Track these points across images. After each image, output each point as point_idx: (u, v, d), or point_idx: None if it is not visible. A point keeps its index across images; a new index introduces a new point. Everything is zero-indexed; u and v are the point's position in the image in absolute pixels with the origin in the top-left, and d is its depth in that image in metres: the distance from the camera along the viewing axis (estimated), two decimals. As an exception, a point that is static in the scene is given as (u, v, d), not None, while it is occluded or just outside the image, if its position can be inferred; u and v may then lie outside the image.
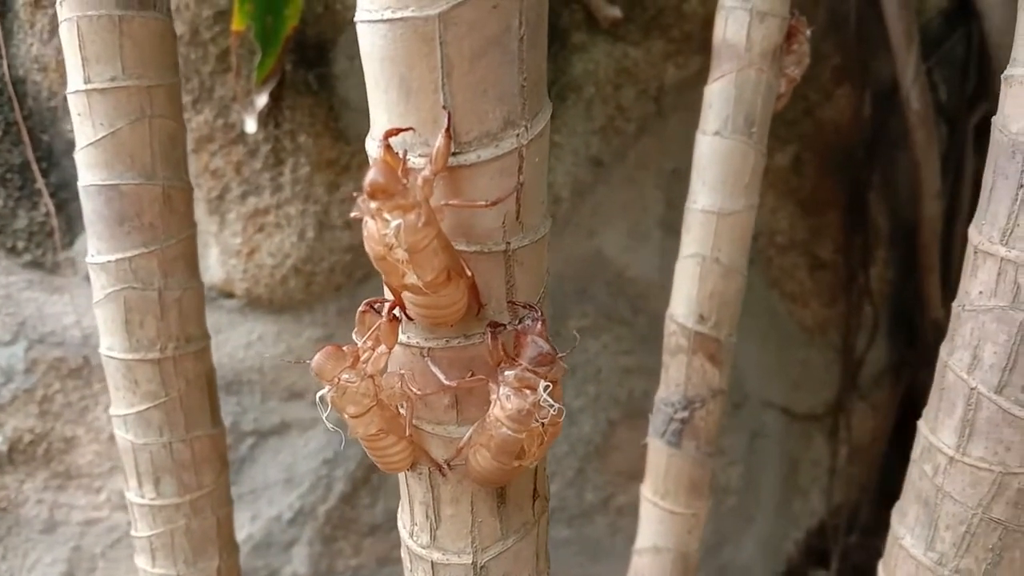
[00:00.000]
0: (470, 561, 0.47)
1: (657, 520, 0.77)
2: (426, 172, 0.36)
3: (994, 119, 0.50)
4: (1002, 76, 0.49)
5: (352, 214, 0.39)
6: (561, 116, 1.38)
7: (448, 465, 0.45)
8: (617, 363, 1.38)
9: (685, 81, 1.34)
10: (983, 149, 1.69)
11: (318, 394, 0.41)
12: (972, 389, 0.50)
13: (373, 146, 0.40)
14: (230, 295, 1.17)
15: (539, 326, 0.40)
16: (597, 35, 1.39)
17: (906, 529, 0.54)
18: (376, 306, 0.43)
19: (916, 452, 0.55)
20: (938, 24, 1.71)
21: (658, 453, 0.77)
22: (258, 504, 1.21)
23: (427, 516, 0.47)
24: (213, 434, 0.69)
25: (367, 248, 0.37)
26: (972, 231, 0.51)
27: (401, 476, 0.48)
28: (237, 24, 0.99)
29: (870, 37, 1.56)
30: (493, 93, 0.38)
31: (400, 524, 0.50)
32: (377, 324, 0.41)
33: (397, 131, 0.37)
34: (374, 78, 0.39)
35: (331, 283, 1.25)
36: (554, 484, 1.47)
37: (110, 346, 0.66)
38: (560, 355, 0.39)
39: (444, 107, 0.37)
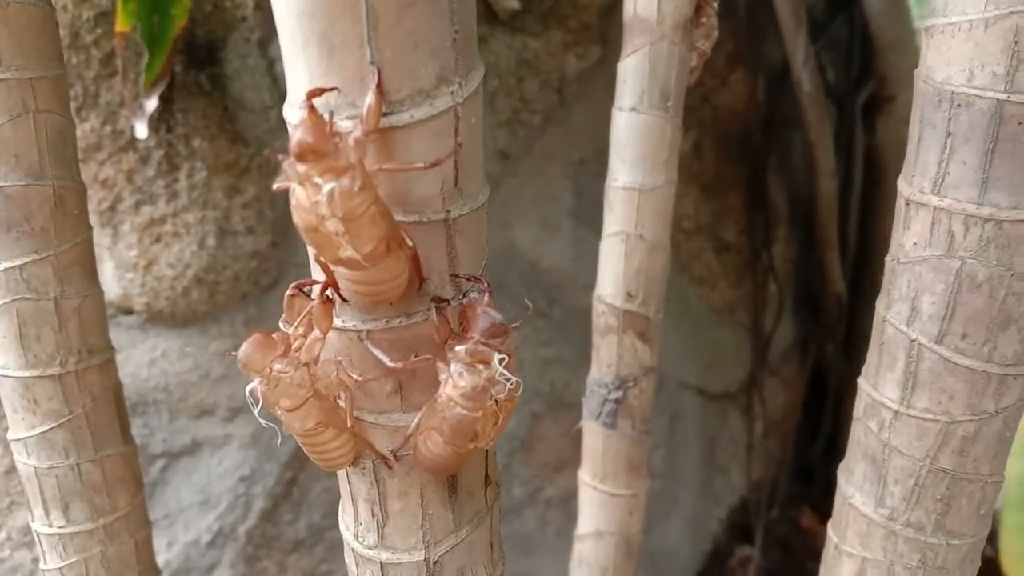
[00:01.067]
0: (422, 558, 0.44)
1: (598, 504, 0.75)
2: (357, 133, 0.33)
3: (916, 71, 0.50)
4: (922, 28, 0.49)
5: (276, 185, 0.35)
6: (465, 109, 1.36)
7: (395, 456, 0.41)
8: (537, 355, 1.37)
9: (586, 71, 1.34)
10: (871, 126, 1.76)
11: (248, 388, 0.37)
12: (913, 341, 0.50)
13: (293, 112, 0.37)
14: (129, 311, 1.10)
15: (486, 298, 0.37)
16: (496, 27, 1.38)
17: (854, 488, 0.54)
18: (305, 289, 0.39)
19: (859, 410, 0.55)
20: (822, 8, 1.77)
21: (594, 436, 0.76)
22: (174, 529, 1.14)
23: (373, 514, 0.44)
24: (125, 452, 0.64)
25: (296, 219, 0.33)
26: (901, 184, 0.51)
27: (341, 474, 0.45)
28: (121, 25, 0.94)
29: (760, 22, 1.60)
30: (424, 47, 0.35)
31: (343, 526, 0.47)
32: (309, 308, 0.38)
33: (320, 91, 0.34)
34: (290, 35, 0.36)
35: (236, 292, 1.19)
36: (480, 484, 1.44)
37: (4, 364, 0.60)
38: (513, 325, 0.37)
39: (372, 62, 0.34)
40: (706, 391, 1.68)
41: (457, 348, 0.36)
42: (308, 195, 0.32)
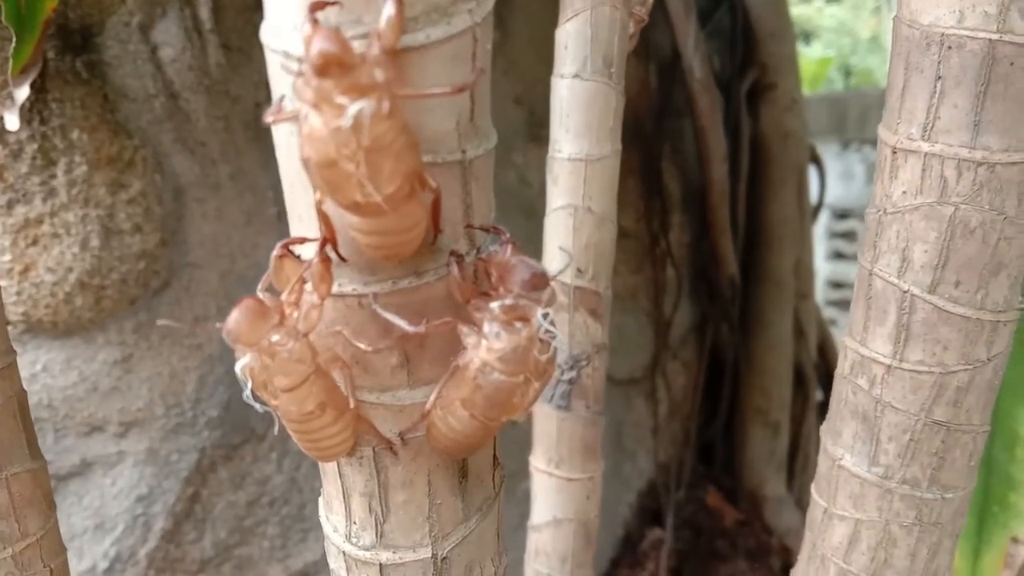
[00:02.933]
0: (428, 554, 0.38)
1: (554, 491, 0.72)
2: (374, 50, 0.28)
3: (896, 17, 0.49)
4: (901, -29, 0.48)
5: (269, 117, 0.30)
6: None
7: (402, 439, 0.36)
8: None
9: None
10: (755, 114, 1.80)
11: (239, 365, 0.31)
12: (905, 292, 0.49)
13: (279, 35, 0.31)
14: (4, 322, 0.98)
15: (509, 250, 0.33)
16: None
17: (843, 448, 0.53)
18: (294, 249, 0.33)
19: (844, 369, 0.53)
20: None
21: (547, 420, 0.72)
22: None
23: (370, 509, 0.38)
24: (34, 469, 0.55)
25: (306, 152, 0.28)
26: (884, 133, 0.49)
27: (329, 467, 0.39)
28: (-16, 6, 0.84)
29: (650, 10, 1.61)
30: (442, -44, 0.30)
31: (328, 528, 0.41)
32: (302, 270, 0.32)
33: (324, 4, 0.29)
34: (280, -56, 0.30)
35: (125, 296, 1.09)
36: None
37: None
38: (554, 276, 0.32)
39: (384, -28, 0.29)
40: (612, 377, 1.67)
41: (492, 305, 0.31)
42: (326, 119, 0.26)
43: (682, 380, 1.81)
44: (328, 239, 0.32)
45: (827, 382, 1.97)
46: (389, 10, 0.28)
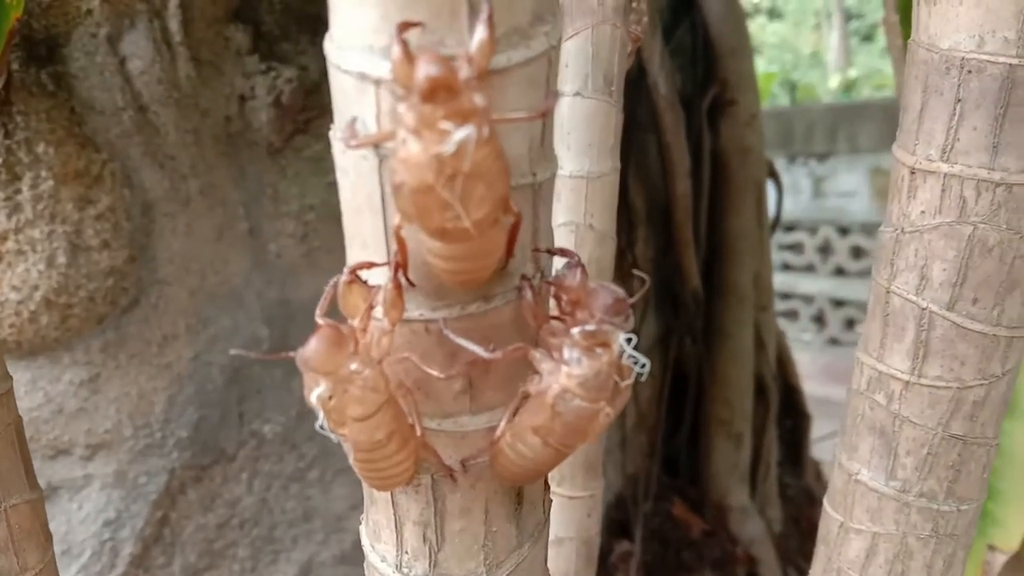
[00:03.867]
0: (483, 582, 0.38)
1: (557, 509, 0.71)
2: (466, 74, 0.27)
3: (911, 41, 0.50)
4: (917, -3, 0.49)
5: (351, 142, 0.29)
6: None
7: (463, 466, 0.35)
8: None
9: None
10: (716, 129, 1.83)
11: (314, 394, 0.30)
12: (924, 309, 0.50)
13: (347, 55, 0.30)
14: (-35, 342, 0.94)
15: (579, 274, 0.33)
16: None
17: (860, 463, 0.54)
18: (361, 275, 0.32)
19: (861, 384, 0.54)
20: (667, 15, 1.83)
21: (550, 439, 0.71)
22: (40, 589, 0.98)
23: (425, 538, 0.37)
24: (32, 500, 0.52)
25: (401, 178, 0.27)
26: (901, 154, 0.51)
27: (379, 496, 0.38)
28: (-56, 15, 0.81)
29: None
30: (524, -22, 0.30)
31: (375, 558, 0.40)
32: (372, 295, 0.31)
33: (409, 25, 0.28)
34: (359, -36, 0.29)
35: (92, 315, 1.06)
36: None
37: None
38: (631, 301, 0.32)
39: (470, -7, 0.29)
40: (581, 391, 1.68)
41: (573, 330, 0.31)
42: (427, 145, 0.26)
43: (648, 392, 1.83)
44: (401, 264, 0.31)
45: (785, 393, 2.01)
46: (481, 33, 0.27)
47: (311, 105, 1.27)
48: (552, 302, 0.34)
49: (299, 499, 1.30)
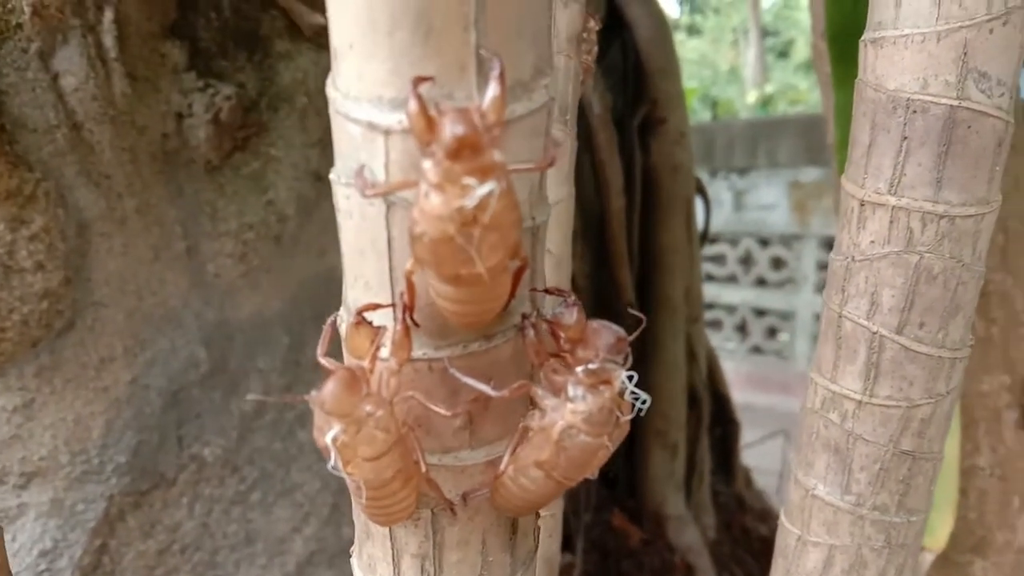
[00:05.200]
0: (479, 612, 0.39)
1: (519, 531, 0.72)
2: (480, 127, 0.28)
3: (859, 81, 0.53)
4: (865, 40, 0.53)
5: (370, 192, 0.30)
6: (276, 128, 1.29)
7: (464, 500, 0.36)
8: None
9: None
10: (646, 147, 1.87)
11: (328, 436, 0.31)
12: (874, 333, 0.53)
13: (356, 106, 0.31)
14: None
15: (575, 313, 0.34)
16: (301, 43, 1.32)
17: (816, 479, 0.56)
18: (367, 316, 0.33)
19: (815, 404, 0.57)
20: (598, 34, 1.86)
21: (510, 460, 0.73)
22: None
23: (423, 570, 0.38)
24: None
25: (421, 229, 0.28)
26: (850, 187, 0.54)
27: (376, 529, 0.38)
28: None
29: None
30: (528, 33, 0.31)
31: (370, 591, 0.40)
32: (378, 337, 0.32)
33: (423, 80, 0.29)
34: (369, 20, 0.30)
35: (26, 338, 1.03)
36: (309, 526, 1.36)
37: None
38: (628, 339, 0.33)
39: (478, 48, 0.30)
40: (521, 407, 1.70)
41: (578, 369, 0.32)
42: (448, 198, 0.27)
43: (584, 405, 1.85)
44: (408, 307, 0.32)
45: (716, 402, 2.07)
46: (494, 90, 0.29)
47: (249, 122, 1.26)
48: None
49: (241, 522, 1.28)
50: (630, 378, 0.32)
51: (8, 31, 1.03)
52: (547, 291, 0.35)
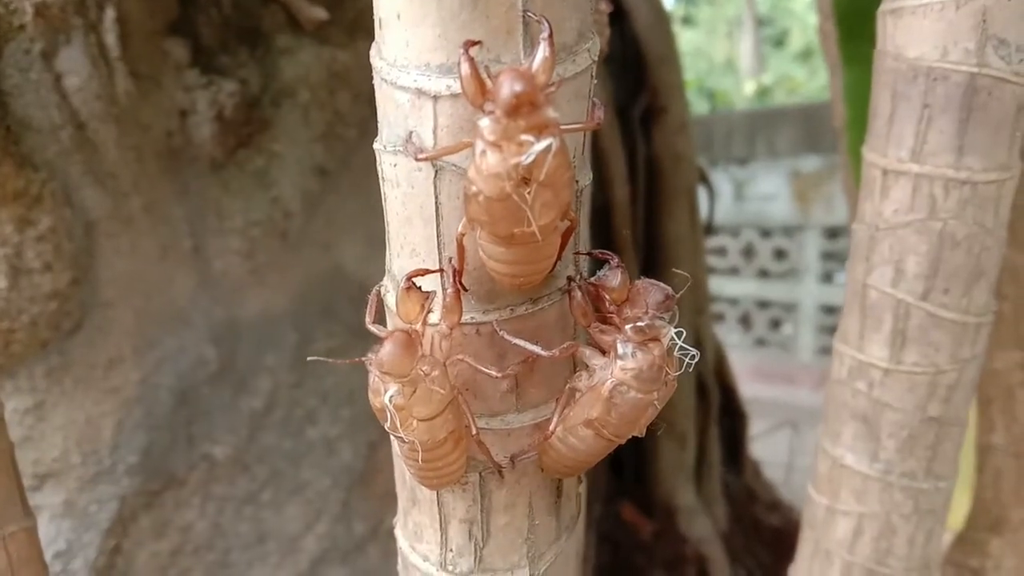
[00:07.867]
0: (527, 575, 0.39)
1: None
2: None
3: (878, 51, 0.54)
4: (883, 11, 0.53)
5: (421, 156, 0.30)
6: (279, 124, 1.29)
7: (512, 462, 0.36)
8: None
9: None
10: (648, 136, 1.87)
11: (387, 396, 0.31)
12: (899, 300, 0.53)
13: (398, 72, 0.31)
14: (-95, 370, 0.90)
15: (620, 274, 0.34)
16: (303, 38, 1.31)
17: (844, 448, 0.57)
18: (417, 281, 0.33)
19: (841, 374, 0.57)
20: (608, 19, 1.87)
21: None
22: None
23: (471, 535, 0.38)
24: (28, 527, 0.51)
25: (478, 188, 0.28)
26: (872, 156, 0.54)
27: (423, 496, 0.39)
28: None
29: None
30: (571, -3, 0.31)
31: (417, 559, 0.40)
32: (429, 300, 0.32)
33: (473, 43, 0.29)
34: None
35: (35, 339, 1.02)
36: (321, 523, 1.36)
37: None
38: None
39: (525, 11, 0.30)
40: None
41: (627, 327, 0.32)
42: (505, 156, 0.27)
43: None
44: (459, 271, 0.32)
45: (724, 394, 2.07)
46: (544, 52, 0.29)
47: (253, 119, 1.26)
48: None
49: (252, 521, 1.28)
50: (678, 334, 0.33)
51: (11, 32, 1.02)
52: (591, 254, 0.35)
